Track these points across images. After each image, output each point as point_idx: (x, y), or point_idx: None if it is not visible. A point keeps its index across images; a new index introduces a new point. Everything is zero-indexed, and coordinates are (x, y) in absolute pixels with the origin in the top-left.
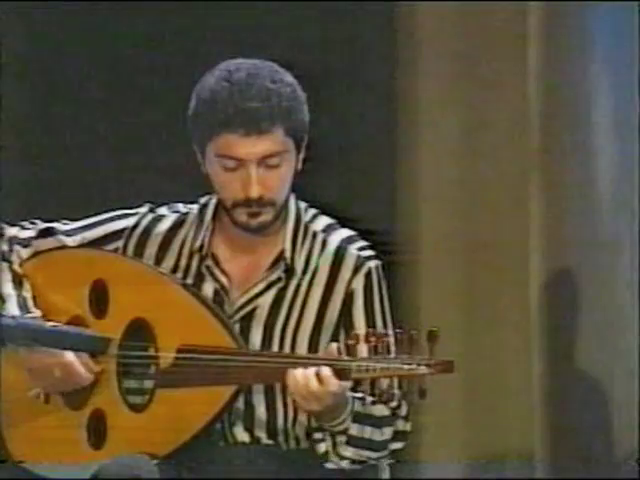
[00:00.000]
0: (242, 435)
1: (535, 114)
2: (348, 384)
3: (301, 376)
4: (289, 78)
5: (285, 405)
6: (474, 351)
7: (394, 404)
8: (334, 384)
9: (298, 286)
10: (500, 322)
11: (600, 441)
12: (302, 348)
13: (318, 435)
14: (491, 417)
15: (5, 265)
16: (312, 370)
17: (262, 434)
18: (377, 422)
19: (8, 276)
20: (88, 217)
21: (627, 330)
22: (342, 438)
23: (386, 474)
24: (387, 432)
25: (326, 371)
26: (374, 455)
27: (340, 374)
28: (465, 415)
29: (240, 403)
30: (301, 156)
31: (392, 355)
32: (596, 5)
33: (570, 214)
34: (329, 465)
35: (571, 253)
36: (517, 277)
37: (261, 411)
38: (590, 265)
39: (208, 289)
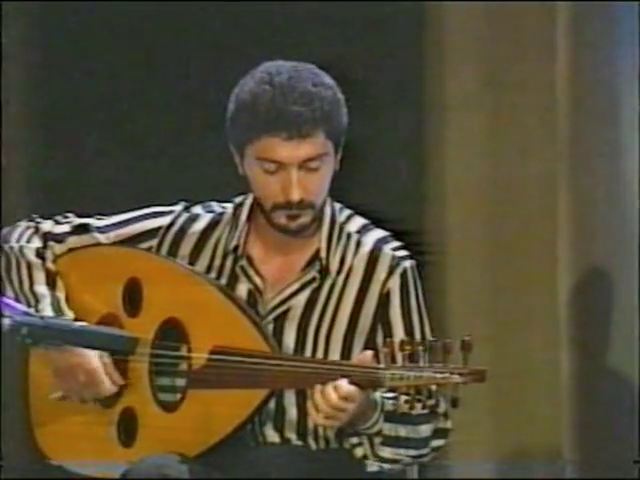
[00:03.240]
0: (272, 436)
1: (563, 114)
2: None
3: (319, 394)
4: (329, 80)
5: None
6: (502, 350)
7: (432, 402)
8: (353, 393)
9: (332, 286)
10: (528, 322)
11: (629, 441)
12: (336, 349)
13: (354, 440)
14: (519, 417)
15: (39, 263)
16: (330, 385)
17: (292, 435)
18: (412, 420)
19: (42, 275)
20: (120, 213)
21: None
22: (378, 439)
23: (414, 473)
24: (425, 430)
25: (343, 382)
26: (414, 453)
27: (374, 382)
28: (494, 415)
29: (271, 404)
30: (339, 156)
31: (426, 363)
32: (625, 4)
33: (598, 213)
34: (369, 467)
35: (600, 253)
36: (545, 278)
37: (292, 412)
38: (619, 266)
39: (242, 290)
